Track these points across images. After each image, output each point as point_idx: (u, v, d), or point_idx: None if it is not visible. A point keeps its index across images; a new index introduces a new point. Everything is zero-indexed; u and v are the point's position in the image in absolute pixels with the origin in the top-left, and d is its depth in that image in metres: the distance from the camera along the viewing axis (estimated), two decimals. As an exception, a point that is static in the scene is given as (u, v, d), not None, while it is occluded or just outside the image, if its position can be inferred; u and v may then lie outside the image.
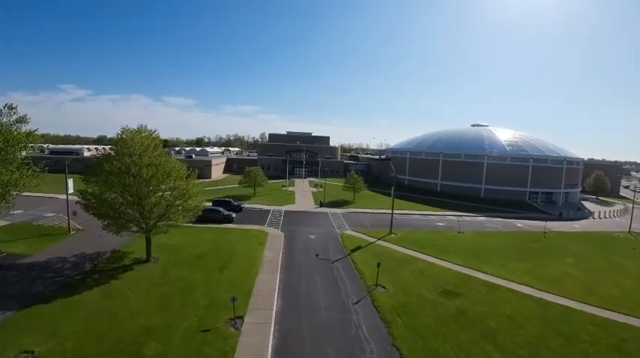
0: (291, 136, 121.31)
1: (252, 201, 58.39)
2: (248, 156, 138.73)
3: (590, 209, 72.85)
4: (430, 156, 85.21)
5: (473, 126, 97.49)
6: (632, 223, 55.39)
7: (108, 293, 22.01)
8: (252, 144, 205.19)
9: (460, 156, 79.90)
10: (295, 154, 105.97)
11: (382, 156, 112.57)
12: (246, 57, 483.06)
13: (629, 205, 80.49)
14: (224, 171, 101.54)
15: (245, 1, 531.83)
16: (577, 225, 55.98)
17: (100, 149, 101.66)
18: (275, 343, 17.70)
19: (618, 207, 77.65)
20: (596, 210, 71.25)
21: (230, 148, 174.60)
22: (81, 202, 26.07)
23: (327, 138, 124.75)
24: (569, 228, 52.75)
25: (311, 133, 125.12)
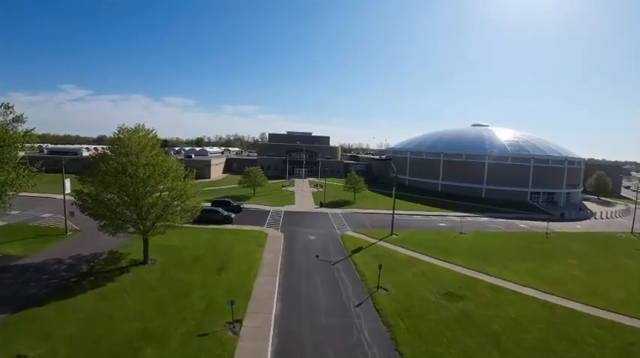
0: (291, 136, 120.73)
1: (252, 201, 57.98)
2: (248, 156, 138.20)
3: (591, 209, 72.47)
4: (431, 156, 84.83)
5: (474, 126, 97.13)
6: (635, 224, 54.94)
7: (104, 295, 21.58)
8: (252, 144, 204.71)
9: (461, 156, 79.48)
10: (295, 154, 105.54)
11: (383, 156, 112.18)
12: (246, 57, 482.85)
13: (631, 205, 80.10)
14: (224, 171, 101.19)
15: (245, 1, 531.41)
16: (579, 226, 55.60)
17: (98, 149, 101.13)
18: (274, 348, 17.24)
19: (620, 207, 77.24)
20: (597, 210, 70.90)
21: (230, 148, 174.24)
22: (77, 203, 25.64)
23: (327, 138, 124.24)
24: (572, 229, 52.38)
25: (311, 133, 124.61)
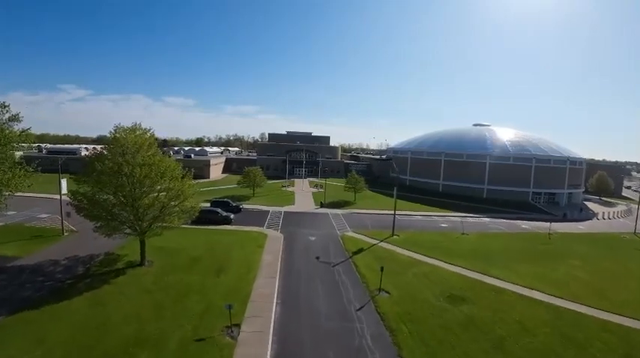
0: (291, 136, 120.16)
1: (251, 201, 57.46)
2: (247, 156, 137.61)
3: (593, 210, 72.05)
4: (432, 156, 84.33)
5: (475, 125, 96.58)
6: (638, 224, 54.37)
7: (99, 299, 21.07)
8: (252, 144, 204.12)
9: (462, 156, 78.98)
10: (295, 154, 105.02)
11: (383, 156, 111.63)
12: (246, 57, 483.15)
13: (633, 206, 79.64)
14: (223, 171, 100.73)
15: (245, 1, 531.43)
16: (582, 226, 55.12)
17: (97, 149, 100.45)
18: (273, 354, 16.73)
19: (622, 207, 76.72)
20: (599, 210, 70.50)
21: (229, 148, 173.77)
22: (72, 203, 25.12)
23: (327, 138, 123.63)
24: (574, 229, 51.91)
25: (311, 133, 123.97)
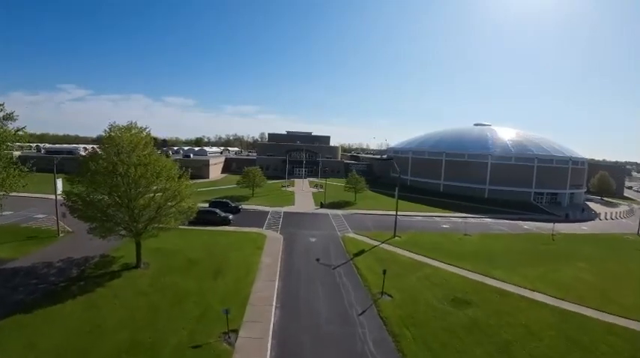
0: (291, 136, 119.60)
1: (251, 201, 56.83)
2: (247, 155, 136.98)
3: (595, 210, 71.45)
4: (433, 156, 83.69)
5: (476, 125, 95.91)
6: (641, 225, 53.81)
7: (93, 302, 20.48)
8: (252, 144, 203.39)
9: (463, 156, 78.35)
10: (295, 154, 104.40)
11: (384, 156, 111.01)
12: (246, 57, 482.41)
13: (635, 206, 79.19)
14: (222, 171, 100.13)
15: (245, 1, 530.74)
16: (585, 227, 54.50)
17: (95, 148, 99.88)
18: (272, 360, 16.15)
19: (624, 208, 76.09)
20: (601, 211, 69.89)
21: (229, 148, 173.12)
22: (66, 204, 24.50)
23: (327, 138, 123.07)
24: (577, 230, 51.33)
25: (311, 133, 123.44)
